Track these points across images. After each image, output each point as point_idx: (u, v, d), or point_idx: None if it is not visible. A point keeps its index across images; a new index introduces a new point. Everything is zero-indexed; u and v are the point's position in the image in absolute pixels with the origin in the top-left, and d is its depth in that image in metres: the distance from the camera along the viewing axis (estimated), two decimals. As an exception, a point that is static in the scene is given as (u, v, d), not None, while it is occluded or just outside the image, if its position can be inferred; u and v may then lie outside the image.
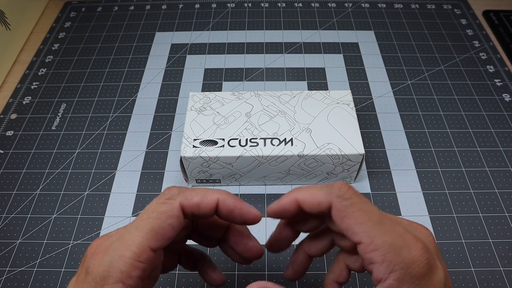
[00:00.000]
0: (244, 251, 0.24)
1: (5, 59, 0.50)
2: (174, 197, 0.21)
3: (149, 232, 0.20)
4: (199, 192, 0.22)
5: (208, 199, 0.22)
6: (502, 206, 0.36)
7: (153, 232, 0.20)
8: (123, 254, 0.20)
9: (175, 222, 0.21)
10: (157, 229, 0.20)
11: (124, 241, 0.20)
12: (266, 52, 0.51)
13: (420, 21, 0.55)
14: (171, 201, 0.21)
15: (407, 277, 0.20)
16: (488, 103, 0.45)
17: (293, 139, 0.35)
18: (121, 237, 0.21)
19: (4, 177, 0.39)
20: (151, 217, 0.20)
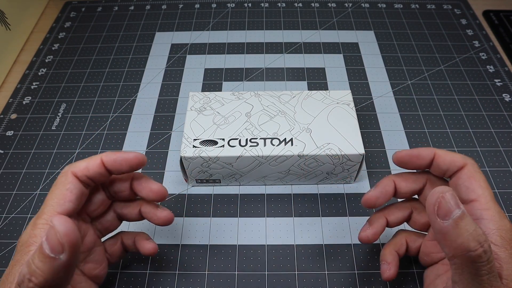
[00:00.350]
0: (148, 195, 0.28)
1: (5, 59, 0.50)
2: (66, 170, 0.26)
3: (53, 200, 0.25)
4: (87, 158, 0.26)
5: (94, 160, 0.26)
6: (502, 206, 0.36)
7: (56, 199, 0.25)
8: (36, 223, 0.24)
9: (72, 186, 0.25)
10: (59, 196, 0.25)
11: (37, 214, 0.25)
12: (266, 52, 0.51)
13: (420, 21, 0.55)
14: (64, 172, 0.26)
15: (508, 237, 0.23)
16: (488, 103, 0.45)
17: (293, 139, 0.35)
18: (37, 213, 0.25)
19: (4, 177, 0.39)
20: (52, 190, 0.25)
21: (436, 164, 0.27)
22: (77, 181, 0.25)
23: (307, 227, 0.35)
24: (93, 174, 0.26)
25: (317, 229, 0.35)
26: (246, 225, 0.36)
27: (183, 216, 0.36)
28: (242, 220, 0.36)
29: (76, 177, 0.25)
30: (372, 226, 0.29)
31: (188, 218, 0.36)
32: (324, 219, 0.36)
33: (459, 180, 0.26)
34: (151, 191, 0.28)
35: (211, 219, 0.36)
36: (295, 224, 0.36)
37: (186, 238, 0.35)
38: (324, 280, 0.32)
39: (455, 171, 0.26)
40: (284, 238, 0.35)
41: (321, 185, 0.38)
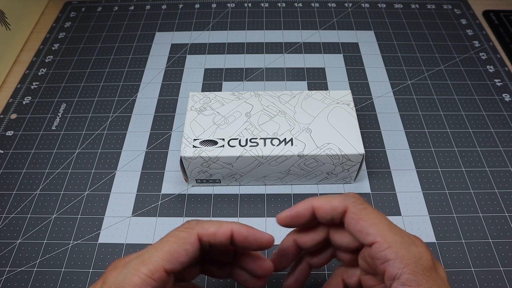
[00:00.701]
0: (257, 271, 0.26)
1: (5, 59, 0.50)
2: (193, 227, 0.23)
3: (166, 254, 0.22)
4: (215, 223, 0.24)
5: (223, 229, 0.23)
6: (502, 206, 0.36)
7: (169, 255, 0.22)
8: (138, 269, 0.21)
9: (190, 248, 0.22)
10: (173, 252, 0.22)
11: (142, 258, 0.22)
12: (266, 52, 0.51)
13: (420, 21, 0.55)
14: (189, 229, 0.23)
15: (420, 269, 0.21)
16: (488, 103, 0.45)
17: (293, 139, 0.35)
18: (140, 255, 0.22)
19: (4, 177, 0.39)
20: (170, 241, 0.22)
21: (319, 216, 0.24)
22: (198, 245, 0.23)
23: (307, 227, 0.35)
24: (217, 243, 0.23)
25: (317, 229, 0.35)
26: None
27: (183, 216, 0.36)
28: (242, 220, 0.36)
29: (200, 239, 0.23)
30: (293, 275, 0.27)
31: (188, 218, 0.36)
32: (324, 219, 0.36)
33: (349, 227, 0.24)
34: (262, 269, 0.26)
35: (211, 219, 0.36)
36: (295, 224, 0.36)
37: (186, 238, 0.35)
38: (324, 280, 0.32)
39: (341, 217, 0.24)
40: (284, 238, 0.35)
41: (321, 185, 0.38)
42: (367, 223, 0.23)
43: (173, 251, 0.22)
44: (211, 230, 0.23)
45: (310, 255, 0.28)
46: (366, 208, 0.23)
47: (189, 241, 0.22)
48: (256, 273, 0.26)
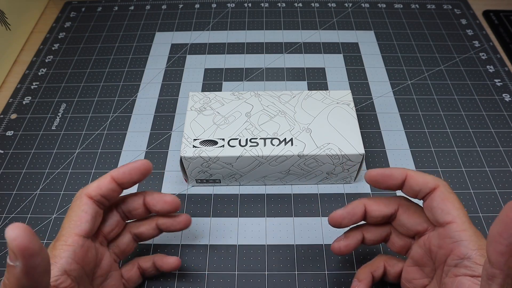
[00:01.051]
0: (163, 207, 0.29)
1: (5, 59, 0.50)
2: (80, 193, 0.27)
3: (70, 223, 0.26)
4: (96, 179, 0.27)
5: (103, 178, 0.27)
6: (502, 206, 0.36)
7: (72, 222, 0.26)
8: (55, 245, 0.25)
9: (86, 207, 0.26)
10: (75, 218, 0.26)
11: (57, 237, 0.26)
12: (266, 52, 0.51)
13: (420, 21, 0.55)
14: (78, 196, 0.27)
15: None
16: (488, 103, 0.45)
17: (293, 139, 0.35)
18: (56, 237, 0.26)
19: (4, 177, 0.39)
20: (68, 214, 0.26)
21: (408, 185, 0.26)
22: (91, 202, 0.26)
23: (307, 227, 0.35)
24: (106, 191, 0.27)
25: (317, 229, 0.35)
26: (246, 225, 0.36)
27: (183, 216, 0.36)
28: (242, 220, 0.36)
29: (90, 198, 0.26)
30: (347, 238, 0.29)
31: (188, 218, 0.36)
32: (324, 219, 0.36)
33: (433, 202, 0.26)
34: (166, 203, 0.28)
35: (211, 219, 0.36)
36: (295, 224, 0.36)
37: (186, 238, 0.35)
38: (324, 280, 0.32)
39: (428, 192, 0.26)
40: (284, 238, 0.35)
41: (321, 185, 0.38)
42: (452, 204, 0.25)
43: (75, 218, 0.26)
44: (94, 185, 0.27)
45: (368, 227, 0.29)
46: (454, 193, 0.26)
47: (82, 203, 0.26)
48: (162, 206, 0.29)
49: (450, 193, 0.25)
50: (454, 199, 0.25)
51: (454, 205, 0.25)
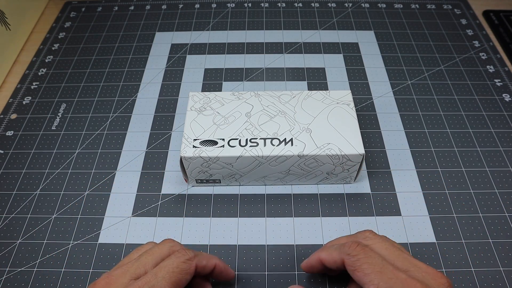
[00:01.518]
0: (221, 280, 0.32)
1: (5, 59, 0.50)
2: (192, 259, 0.27)
3: (173, 284, 0.26)
4: (205, 256, 0.29)
5: (211, 262, 0.29)
6: (502, 206, 0.36)
7: (175, 284, 0.26)
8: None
9: (189, 277, 0.27)
10: (178, 281, 0.26)
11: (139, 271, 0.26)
12: (266, 52, 0.51)
13: (420, 21, 0.55)
14: (190, 262, 0.27)
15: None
16: (488, 103, 0.45)
17: (293, 139, 0.35)
18: (147, 283, 0.25)
19: (4, 177, 0.39)
20: (175, 271, 0.26)
21: (328, 265, 0.28)
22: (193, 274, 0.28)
23: (307, 227, 0.35)
24: (204, 273, 0.29)
25: (317, 229, 0.35)
26: (246, 225, 0.36)
27: (183, 216, 0.36)
28: (242, 220, 0.36)
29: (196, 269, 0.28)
30: (308, 263, 0.30)
31: (188, 218, 0.36)
32: (324, 219, 0.36)
33: (351, 275, 0.27)
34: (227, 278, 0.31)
35: (211, 219, 0.36)
36: (295, 224, 0.36)
37: (186, 238, 0.35)
38: (324, 280, 0.32)
39: (342, 264, 0.27)
40: (284, 238, 0.35)
41: (321, 185, 0.38)
42: (360, 273, 0.25)
43: (178, 281, 0.26)
44: (203, 264, 0.28)
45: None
46: (358, 259, 0.26)
47: (190, 272, 0.27)
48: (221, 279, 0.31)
49: (354, 261, 0.26)
50: (360, 264, 0.26)
51: (362, 273, 0.25)
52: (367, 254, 0.26)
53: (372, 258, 0.26)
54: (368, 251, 0.26)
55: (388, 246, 0.27)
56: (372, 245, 0.27)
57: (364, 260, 0.26)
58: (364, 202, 0.37)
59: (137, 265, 0.26)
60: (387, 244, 0.27)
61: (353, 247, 0.26)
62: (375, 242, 0.27)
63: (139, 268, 0.26)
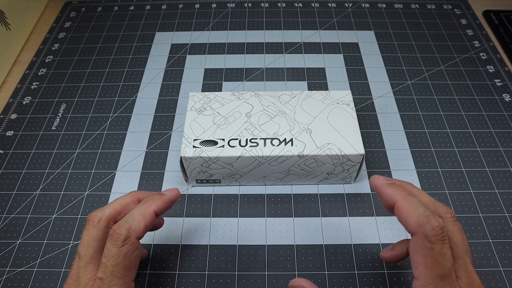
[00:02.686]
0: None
1: (5, 59, 0.50)
2: (129, 236, 0.25)
3: (125, 273, 0.25)
4: (138, 215, 0.26)
5: (148, 215, 0.27)
6: (502, 206, 0.36)
7: (128, 271, 0.25)
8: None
9: (138, 251, 0.26)
10: (130, 266, 0.25)
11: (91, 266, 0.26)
12: (266, 52, 0.51)
13: (420, 21, 0.55)
14: (128, 240, 0.25)
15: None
16: (488, 103, 0.45)
17: (293, 139, 0.35)
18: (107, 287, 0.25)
19: (4, 177, 0.39)
20: (121, 261, 0.25)
21: (396, 213, 0.26)
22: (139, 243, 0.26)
23: (307, 227, 0.35)
24: (149, 227, 0.27)
25: (317, 229, 0.35)
26: (246, 225, 0.36)
27: (183, 216, 0.36)
28: (242, 220, 0.36)
29: (138, 238, 0.26)
30: (393, 250, 0.30)
31: (188, 218, 0.36)
32: (324, 219, 0.36)
33: (409, 250, 0.25)
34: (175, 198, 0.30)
35: (211, 219, 0.36)
36: (295, 224, 0.36)
37: (186, 238, 0.35)
38: (324, 280, 0.32)
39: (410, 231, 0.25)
40: (284, 238, 0.35)
41: (321, 185, 0.38)
42: (422, 261, 0.24)
43: (130, 265, 0.26)
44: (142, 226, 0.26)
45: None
46: (431, 248, 0.23)
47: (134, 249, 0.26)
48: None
49: (425, 247, 0.23)
50: (428, 254, 0.23)
51: (424, 263, 0.23)
52: (443, 251, 0.23)
53: (444, 257, 0.23)
54: (445, 247, 0.23)
55: (461, 240, 0.25)
56: (449, 230, 0.25)
57: (434, 254, 0.23)
58: (364, 202, 0.37)
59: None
60: (461, 239, 0.25)
61: (436, 231, 0.23)
62: (453, 229, 0.25)
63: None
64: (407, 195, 0.25)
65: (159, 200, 0.28)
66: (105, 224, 0.27)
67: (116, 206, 0.28)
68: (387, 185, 0.26)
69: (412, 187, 0.27)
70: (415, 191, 0.27)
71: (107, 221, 0.27)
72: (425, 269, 0.23)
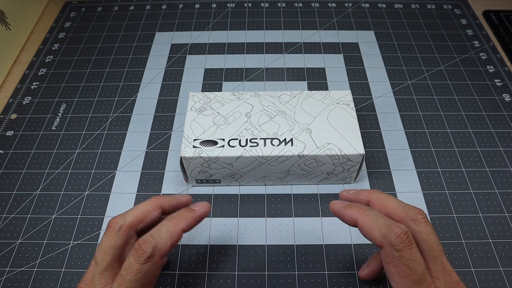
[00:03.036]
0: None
1: (5, 59, 0.50)
2: (153, 254, 0.24)
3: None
4: (166, 232, 0.25)
5: (177, 234, 0.26)
6: (502, 206, 0.36)
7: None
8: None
9: (159, 271, 0.26)
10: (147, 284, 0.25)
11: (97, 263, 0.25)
12: (266, 52, 0.51)
13: (420, 21, 0.55)
14: (152, 259, 0.25)
15: None
16: (488, 103, 0.45)
17: (293, 139, 0.35)
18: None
19: (4, 177, 0.39)
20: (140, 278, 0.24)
21: (363, 234, 0.26)
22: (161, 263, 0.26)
23: (307, 227, 0.35)
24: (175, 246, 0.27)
25: (317, 229, 0.35)
26: (246, 225, 0.36)
27: (183, 216, 0.36)
28: (242, 220, 0.36)
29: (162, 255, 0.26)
30: (369, 267, 0.31)
31: (188, 218, 0.36)
32: (324, 219, 0.36)
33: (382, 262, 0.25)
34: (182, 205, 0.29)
35: (211, 219, 0.36)
36: (295, 224, 0.36)
37: (186, 238, 0.35)
38: (324, 280, 0.32)
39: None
40: (284, 238, 0.35)
41: (321, 185, 0.38)
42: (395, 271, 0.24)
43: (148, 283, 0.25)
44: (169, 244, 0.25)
45: None
46: (401, 256, 0.23)
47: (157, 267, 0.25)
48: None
49: (395, 257, 0.23)
50: (399, 263, 0.23)
51: (398, 272, 0.24)
52: (412, 256, 0.23)
53: (415, 262, 0.23)
54: (414, 252, 0.23)
55: (435, 241, 0.25)
56: (420, 233, 0.24)
57: (406, 261, 0.23)
58: (364, 202, 0.37)
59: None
60: (435, 239, 0.25)
61: (401, 238, 0.23)
62: (426, 231, 0.25)
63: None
64: (365, 211, 0.26)
65: (189, 217, 0.27)
66: (125, 233, 0.26)
67: (138, 214, 0.27)
68: (344, 208, 0.27)
69: (380, 194, 0.27)
70: (383, 197, 0.27)
71: (128, 229, 0.26)
72: (400, 278, 0.24)
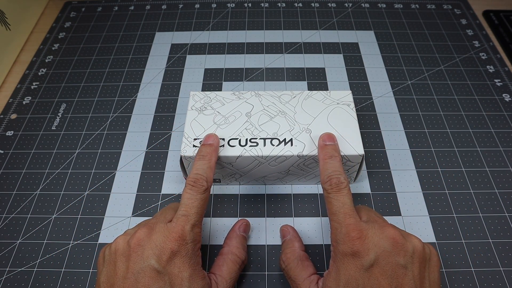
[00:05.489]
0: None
1: (5, 59, 0.50)
2: (208, 186, 0.29)
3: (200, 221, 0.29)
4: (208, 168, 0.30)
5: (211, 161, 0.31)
6: (502, 206, 0.36)
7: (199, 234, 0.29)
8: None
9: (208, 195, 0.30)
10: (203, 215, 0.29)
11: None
12: (266, 52, 0.51)
13: (420, 21, 0.55)
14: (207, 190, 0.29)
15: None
16: (488, 103, 0.45)
17: (293, 140, 0.35)
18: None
19: (4, 177, 0.39)
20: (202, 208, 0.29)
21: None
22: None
23: (307, 227, 0.35)
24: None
25: (317, 229, 0.35)
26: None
27: (183, 216, 0.36)
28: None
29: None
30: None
31: (188, 218, 0.36)
32: (324, 219, 0.36)
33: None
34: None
35: (211, 219, 0.36)
36: (295, 224, 0.36)
37: (186, 238, 0.35)
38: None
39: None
40: (284, 238, 0.35)
41: (320, 185, 0.38)
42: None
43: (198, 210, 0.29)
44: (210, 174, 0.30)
45: None
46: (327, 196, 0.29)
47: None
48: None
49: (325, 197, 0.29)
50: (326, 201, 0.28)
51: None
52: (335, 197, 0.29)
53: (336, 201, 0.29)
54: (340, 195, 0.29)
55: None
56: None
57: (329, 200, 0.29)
58: (364, 202, 0.37)
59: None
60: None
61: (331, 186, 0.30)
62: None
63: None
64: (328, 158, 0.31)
65: (214, 151, 0.32)
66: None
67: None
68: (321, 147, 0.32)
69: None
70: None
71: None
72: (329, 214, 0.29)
